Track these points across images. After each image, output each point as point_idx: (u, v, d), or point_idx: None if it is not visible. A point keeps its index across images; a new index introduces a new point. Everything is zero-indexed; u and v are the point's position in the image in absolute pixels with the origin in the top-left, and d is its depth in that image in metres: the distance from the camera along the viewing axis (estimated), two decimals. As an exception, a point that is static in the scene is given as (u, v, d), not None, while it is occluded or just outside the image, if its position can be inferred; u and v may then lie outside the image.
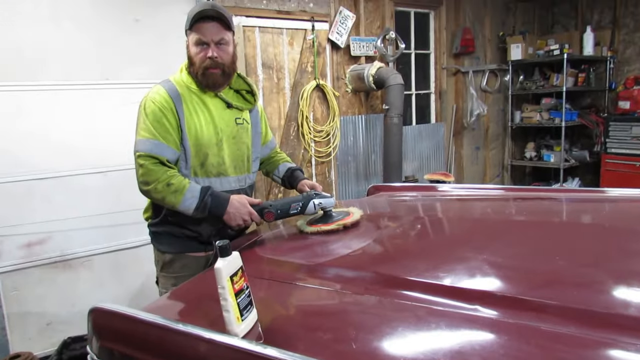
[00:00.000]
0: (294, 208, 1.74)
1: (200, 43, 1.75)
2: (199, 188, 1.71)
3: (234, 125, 1.88)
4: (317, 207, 1.75)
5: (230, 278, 1.03)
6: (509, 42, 5.81)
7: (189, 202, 1.68)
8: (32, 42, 2.90)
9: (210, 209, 1.70)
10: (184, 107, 1.77)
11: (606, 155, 5.56)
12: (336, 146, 4.43)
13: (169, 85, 1.80)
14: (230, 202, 1.71)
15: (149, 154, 1.70)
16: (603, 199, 2.03)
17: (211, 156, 1.81)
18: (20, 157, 2.93)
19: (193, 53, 1.78)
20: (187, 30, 1.79)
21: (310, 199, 1.76)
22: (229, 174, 1.87)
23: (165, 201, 1.70)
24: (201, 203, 1.69)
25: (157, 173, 1.69)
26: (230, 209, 1.70)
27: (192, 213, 1.70)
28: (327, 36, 4.27)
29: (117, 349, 1.16)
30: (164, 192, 1.68)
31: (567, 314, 0.96)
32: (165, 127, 1.73)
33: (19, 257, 2.98)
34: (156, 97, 1.75)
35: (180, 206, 1.69)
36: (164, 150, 1.72)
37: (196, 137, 1.77)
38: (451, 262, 1.30)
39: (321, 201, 1.76)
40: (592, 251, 1.34)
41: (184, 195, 1.68)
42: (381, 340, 0.97)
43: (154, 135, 1.71)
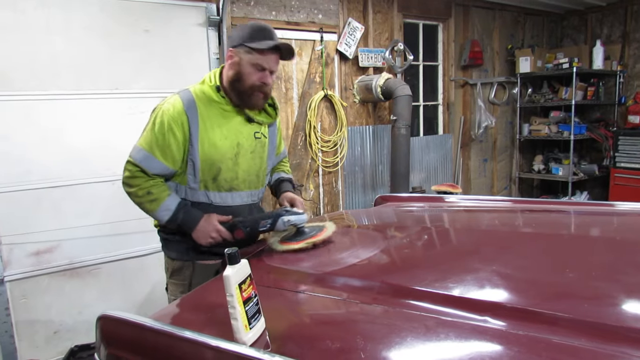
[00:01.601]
0: (263, 225, 1.72)
1: (260, 68, 1.76)
2: (176, 202, 1.76)
3: (252, 140, 1.88)
4: (286, 224, 1.70)
5: (238, 286, 1.03)
6: (517, 55, 5.81)
7: (162, 213, 1.76)
8: (44, 52, 2.94)
9: (181, 225, 1.77)
10: (199, 121, 1.76)
11: (615, 170, 5.53)
12: (343, 156, 4.44)
13: (187, 96, 1.78)
14: (200, 221, 1.75)
15: (137, 164, 1.74)
16: (613, 212, 2.02)
17: (224, 171, 1.81)
18: (31, 165, 2.96)
19: (247, 72, 1.76)
20: (246, 46, 1.74)
21: (280, 216, 1.71)
22: (241, 188, 1.88)
23: (142, 207, 1.78)
24: (173, 217, 1.75)
25: (140, 180, 1.75)
26: (199, 227, 1.75)
27: (164, 223, 1.79)
28: (336, 47, 4.29)
29: (125, 357, 1.16)
30: (143, 198, 1.75)
31: (578, 327, 0.95)
32: (167, 142, 1.73)
33: (27, 265, 3.00)
34: (169, 110, 1.75)
35: (155, 215, 1.78)
36: (154, 164, 1.74)
37: (209, 151, 1.77)
38: (460, 273, 1.29)
39: (290, 218, 1.70)
40: (603, 264, 1.33)
41: (160, 207, 1.75)
42: (390, 350, 0.97)
43: (150, 148, 1.74)
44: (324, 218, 2.18)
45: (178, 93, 1.81)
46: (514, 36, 6.00)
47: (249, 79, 1.76)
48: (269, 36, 1.75)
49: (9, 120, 2.87)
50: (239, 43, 1.75)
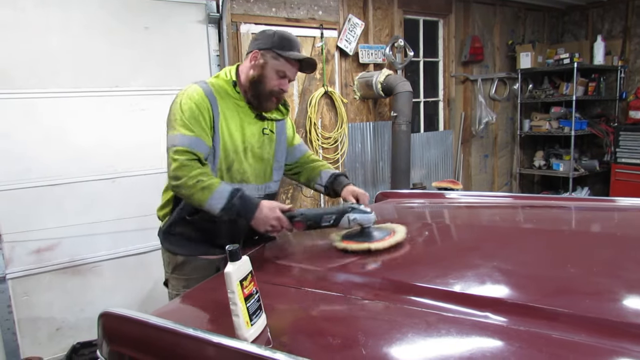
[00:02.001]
0: (326, 220, 1.60)
1: (282, 75, 1.80)
2: (229, 189, 1.66)
3: (260, 135, 1.90)
4: (351, 223, 1.59)
5: (239, 282, 1.04)
6: (518, 50, 5.80)
7: (215, 202, 1.63)
8: (44, 50, 2.94)
9: (239, 212, 1.64)
10: (220, 109, 1.79)
11: (616, 165, 5.52)
12: (344, 153, 4.44)
13: (205, 86, 1.80)
14: (260, 207, 1.64)
15: (187, 149, 1.67)
16: (614, 207, 2.02)
17: (237, 163, 1.83)
18: (31, 163, 2.96)
19: (270, 76, 1.79)
20: (275, 52, 1.78)
21: (345, 212, 1.59)
22: (251, 182, 1.89)
23: (193, 198, 1.66)
24: (228, 204, 1.63)
25: (191, 169, 1.65)
26: (258, 214, 1.63)
27: (217, 213, 1.64)
28: (336, 44, 4.29)
29: (127, 353, 1.17)
30: (193, 188, 1.64)
31: (578, 322, 0.96)
32: (201, 125, 1.73)
33: (29, 263, 3.01)
34: (194, 95, 1.75)
35: (207, 205, 1.64)
36: (201, 146, 1.71)
37: (228, 140, 1.80)
38: (461, 269, 1.29)
39: (356, 216, 1.58)
40: (603, 260, 1.33)
41: (212, 194, 1.63)
42: (391, 346, 0.97)
43: (192, 131, 1.70)
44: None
45: (195, 83, 1.81)
46: (514, 32, 5.99)
47: (270, 83, 1.80)
48: (297, 48, 1.82)
49: (9, 118, 2.87)
50: (269, 47, 1.78)
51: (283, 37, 1.80)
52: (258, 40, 1.83)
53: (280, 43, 1.78)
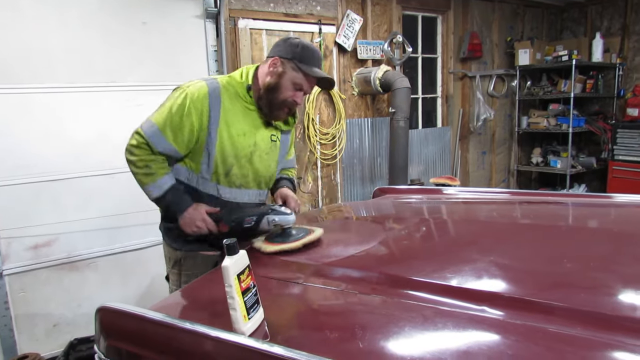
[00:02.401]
0: (248, 222, 1.67)
1: (299, 88, 1.79)
2: (170, 183, 1.75)
3: (269, 142, 1.90)
4: (271, 224, 1.64)
5: (237, 276, 1.04)
6: (516, 47, 5.80)
7: (153, 189, 1.74)
8: (39, 44, 2.92)
9: (168, 207, 1.77)
10: (221, 111, 1.76)
11: (613, 162, 5.53)
12: (342, 149, 4.44)
13: (214, 85, 1.77)
14: (188, 208, 1.74)
15: (146, 138, 1.72)
16: (610, 204, 2.02)
17: (236, 167, 1.82)
18: (27, 159, 2.95)
19: (286, 86, 1.78)
20: (294, 63, 1.76)
21: (265, 214, 1.65)
22: (251, 187, 1.90)
23: (137, 177, 1.76)
24: (162, 196, 1.74)
25: (143, 152, 1.73)
26: (185, 214, 1.74)
27: (151, 199, 1.77)
28: (334, 39, 4.28)
29: (125, 348, 1.16)
30: (140, 170, 1.73)
31: (574, 316, 0.96)
32: (181, 126, 1.72)
33: (26, 259, 3.00)
34: (195, 94, 1.73)
35: (146, 189, 1.75)
36: (161, 143, 1.72)
37: (227, 144, 1.77)
38: (458, 264, 1.30)
39: (275, 218, 1.63)
40: (599, 255, 1.33)
41: (155, 182, 1.73)
42: (388, 339, 0.97)
43: (163, 126, 1.71)
44: (316, 217, 2.13)
45: (205, 79, 1.80)
46: (513, 28, 5.98)
47: (285, 93, 1.78)
48: (318, 63, 1.81)
49: (6, 113, 2.86)
50: (290, 57, 1.76)
51: (306, 50, 1.77)
52: (280, 47, 1.80)
53: (302, 55, 1.76)
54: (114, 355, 1.17)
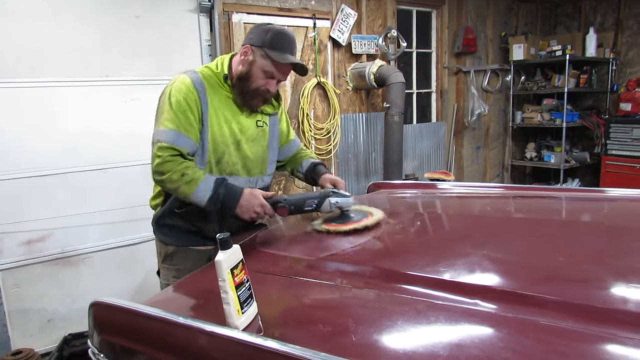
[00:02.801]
0: (309, 205, 1.67)
1: (270, 76, 1.77)
2: (213, 179, 1.69)
3: (254, 128, 1.89)
4: (332, 206, 1.67)
5: (230, 271, 1.04)
6: (511, 42, 5.81)
7: (202, 194, 1.67)
8: (32, 38, 2.91)
9: (223, 201, 1.68)
10: (209, 101, 1.76)
11: (607, 157, 5.56)
12: (337, 144, 4.44)
13: (195, 76, 1.77)
14: (243, 194, 1.68)
15: (171, 145, 1.68)
16: (603, 198, 2.04)
17: (227, 155, 1.81)
18: (21, 154, 2.94)
19: (255, 75, 1.76)
20: (264, 51, 1.74)
21: (327, 196, 1.67)
22: (241, 174, 1.88)
23: (179, 191, 1.69)
24: (214, 194, 1.67)
25: (174, 164, 1.67)
26: (242, 202, 1.67)
27: (204, 204, 1.68)
28: (329, 34, 4.27)
29: (118, 343, 1.17)
30: (179, 182, 1.67)
31: (566, 309, 0.97)
32: (189, 120, 1.71)
33: (19, 254, 2.99)
34: (182, 88, 1.73)
35: (193, 197, 1.67)
36: (186, 142, 1.71)
37: (218, 132, 1.78)
38: (451, 258, 1.30)
39: (338, 200, 1.67)
40: (591, 248, 1.34)
41: (198, 186, 1.66)
42: (381, 333, 0.98)
43: (177, 127, 1.70)
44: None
45: (184, 73, 1.79)
46: (507, 23, 5.99)
47: (256, 82, 1.77)
48: (290, 48, 1.77)
49: (-1, 107, 2.84)
50: (260, 45, 1.74)
51: (276, 36, 1.74)
52: (252, 34, 1.79)
53: (272, 42, 1.73)
54: (107, 350, 1.17)
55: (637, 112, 5.44)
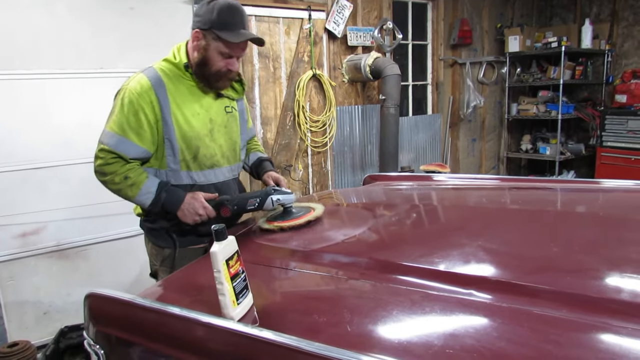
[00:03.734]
0: (251, 204, 1.70)
1: (228, 56, 1.72)
2: (157, 183, 1.70)
3: (224, 114, 1.86)
4: (275, 204, 1.69)
5: (226, 262, 1.04)
6: (506, 34, 5.79)
7: (144, 197, 1.68)
8: (25, 29, 2.88)
9: (164, 205, 1.70)
10: (170, 99, 1.71)
11: (602, 149, 5.58)
12: (332, 136, 4.43)
13: (153, 73, 1.72)
14: (185, 199, 1.70)
15: (112, 149, 1.66)
16: (597, 189, 2.04)
17: (203, 148, 1.77)
18: (14, 146, 2.92)
19: (212, 58, 1.71)
20: (214, 33, 1.67)
21: (268, 194, 1.69)
22: (222, 164, 1.85)
23: (121, 194, 1.70)
24: (156, 198, 1.68)
25: (115, 166, 1.66)
26: (184, 206, 1.69)
27: (147, 208, 1.71)
28: (324, 26, 4.25)
29: (114, 334, 1.17)
30: (121, 184, 1.67)
31: (559, 299, 0.97)
32: (140, 122, 1.66)
33: (14, 247, 2.98)
34: (137, 88, 1.67)
35: (136, 200, 1.70)
36: (129, 148, 1.67)
37: (185, 129, 1.73)
38: (446, 249, 1.31)
39: (279, 197, 1.69)
40: (585, 239, 1.35)
41: (141, 190, 1.67)
42: (376, 323, 0.98)
43: (124, 131, 1.66)
44: (312, 198, 2.18)
45: (142, 71, 1.74)
46: (503, 15, 5.98)
47: (215, 65, 1.72)
48: (240, 22, 1.69)
49: (-8, 99, 2.82)
50: (209, 27, 1.67)
51: (223, 13, 1.66)
52: (199, 16, 1.71)
53: (220, 21, 1.66)
54: (103, 341, 1.18)
55: (632, 104, 5.45)
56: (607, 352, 0.85)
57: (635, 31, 5.74)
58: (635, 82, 5.49)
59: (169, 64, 1.77)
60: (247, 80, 3.85)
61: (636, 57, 5.76)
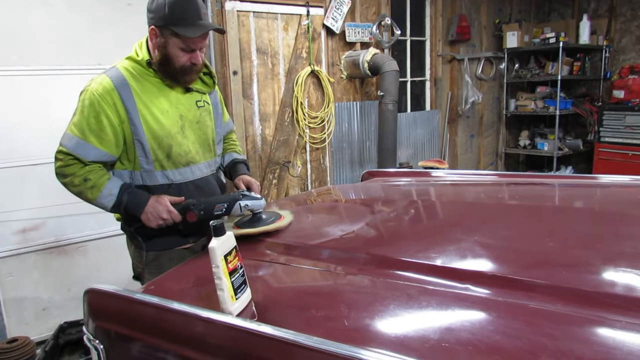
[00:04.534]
0: (218, 209, 1.63)
1: (189, 50, 1.66)
2: (119, 185, 1.65)
3: (195, 109, 1.80)
4: (243, 209, 1.62)
5: (224, 257, 1.05)
6: (505, 29, 5.79)
7: (105, 200, 1.64)
8: (23, 25, 2.88)
9: (127, 208, 1.65)
10: (135, 98, 1.65)
11: (599, 144, 5.59)
12: (331, 132, 4.43)
13: (116, 74, 1.67)
14: (149, 202, 1.64)
15: (70, 152, 1.62)
16: (594, 184, 2.05)
17: (175, 146, 1.72)
18: (14, 143, 2.92)
19: (174, 55, 1.65)
20: (170, 29, 1.61)
21: (236, 200, 1.62)
22: (198, 160, 1.81)
23: (82, 196, 1.66)
24: (117, 201, 1.64)
25: (74, 168, 1.63)
26: (147, 209, 1.64)
27: (109, 210, 1.67)
28: (322, 22, 4.25)
29: (114, 329, 1.17)
30: (81, 186, 1.63)
31: (555, 293, 0.98)
32: (101, 125, 1.62)
33: (14, 243, 2.99)
34: (98, 89, 1.62)
35: (97, 203, 1.65)
36: (88, 151, 1.62)
37: (154, 128, 1.68)
38: (443, 244, 1.32)
39: (247, 203, 1.62)
40: (581, 234, 1.36)
41: (101, 192, 1.63)
42: (373, 318, 0.99)
43: (83, 134, 1.62)
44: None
45: (104, 72, 1.69)
46: (501, 10, 5.97)
47: (178, 60, 1.66)
48: (195, 13, 1.62)
49: (-10, 96, 2.82)
50: (163, 24, 1.62)
51: (175, 7, 1.59)
52: (151, 12, 1.65)
53: (173, 16, 1.59)
54: (102, 336, 1.18)
55: (630, 100, 5.46)
56: (602, 345, 0.86)
57: (633, 27, 5.74)
58: (632, 77, 5.50)
59: (132, 62, 1.72)
60: (245, 76, 3.85)
61: (634, 52, 5.76)
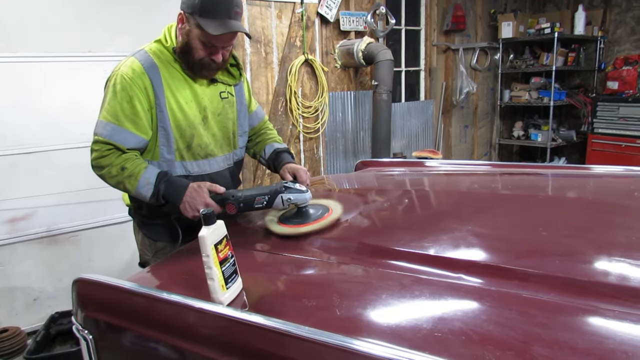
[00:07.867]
0: (259, 202, 1.50)
1: (210, 46, 1.58)
2: (155, 173, 1.56)
3: (219, 101, 1.75)
4: (286, 203, 1.48)
5: (214, 246, 1.03)
6: (500, 20, 5.77)
7: (144, 189, 1.55)
8: (11, 10, 2.82)
9: (165, 196, 1.55)
10: (163, 83, 1.60)
11: (593, 136, 5.61)
12: (325, 122, 4.41)
13: (145, 57, 1.61)
14: (188, 190, 1.54)
15: (107, 140, 1.55)
16: (587, 175, 2.05)
17: (197, 137, 1.68)
18: (3, 130, 2.88)
19: (194, 46, 1.58)
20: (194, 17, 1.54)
21: (278, 193, 1.48)
22: (216, 154, 1.76)
23: (121, 187, 1.58)
24: (155, 189, 1.54)
25: (110, 158, 1.55)
26: (186, 198, 1.53)
27: (148, 201, 1.57)
28: (317, 10, 4.20)
29: (103, 319, 1.16)
30: (119, 176, 1.55)
31: (548, 282, 0.98)
32: (135, 110, 1.56)
33: (3, 233, 2.96)
34: (129, 73, 1.57)
35: (136, 193, 1.56)
36: (126, 137, 1.56)
37: (178, 117, 1.63)
38: (437, 233, 1.31)
39: (291, 196, 1.47)
40: (574, 223, 1.36)
41: (139, 182, 1.54)
42: (365, 307, 0.98)
43: (118, 119, 1.55)
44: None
45: (133, 55, 1.63)
46: (497, 0, 5.95)
47: (198, 54, 1.60)
48: (225, 11, 1.53)
49: (-22, 83, 2.78)
50: (191, 12, 1.55)
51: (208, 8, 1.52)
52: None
53: (202, 7, 1.52)
54: (92, 326, 1.17)
55: (623, 91, 5.47)
56: (595, 335, 0.86)
57: (627, 18, 5.73)
58: (626, 68, 5.51)
59: (161, 47, 1.67)
60: (238, 65, 3.81)
61: (628, 43, 5.76)
